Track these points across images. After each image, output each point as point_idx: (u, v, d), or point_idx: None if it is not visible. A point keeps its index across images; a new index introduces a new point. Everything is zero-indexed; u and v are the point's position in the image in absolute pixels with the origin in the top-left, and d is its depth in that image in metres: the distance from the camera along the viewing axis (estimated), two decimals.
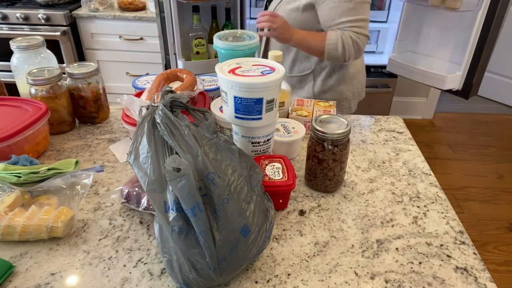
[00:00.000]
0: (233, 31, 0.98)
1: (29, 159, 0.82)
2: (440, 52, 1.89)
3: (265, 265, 0.65)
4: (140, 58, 2.47)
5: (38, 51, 1.06)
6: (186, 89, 0.92)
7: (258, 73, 0.73)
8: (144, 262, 0.65)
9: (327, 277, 0.62)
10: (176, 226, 0.55)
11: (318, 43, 1.17)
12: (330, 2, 1.15)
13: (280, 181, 0.73)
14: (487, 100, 3.25)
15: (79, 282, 0.61)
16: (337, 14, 1.14)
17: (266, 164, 0.77)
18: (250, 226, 0.58)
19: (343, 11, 1.13)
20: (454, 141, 2.73)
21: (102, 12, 2.34)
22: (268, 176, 0.73)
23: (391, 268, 0.64)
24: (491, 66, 3.07)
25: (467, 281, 0.62)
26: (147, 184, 0.57)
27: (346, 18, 1.14)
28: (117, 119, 1.10)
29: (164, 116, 0.58)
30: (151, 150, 0.58)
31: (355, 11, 1.14)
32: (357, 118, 1.13)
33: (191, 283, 0.57)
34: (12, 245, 0.68)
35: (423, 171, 0.90)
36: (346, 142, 0.77)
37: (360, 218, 0.75)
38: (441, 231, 0.72)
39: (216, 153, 0.59)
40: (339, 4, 1.13)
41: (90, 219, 0.74)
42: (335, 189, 0.82)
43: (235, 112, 0.75)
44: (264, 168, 0.75)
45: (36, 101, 0.95)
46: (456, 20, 1.76)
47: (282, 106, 1.01)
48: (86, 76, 1.00)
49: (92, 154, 0.94)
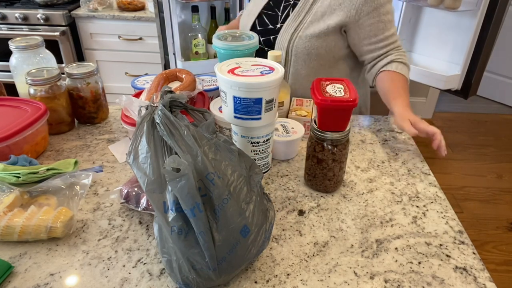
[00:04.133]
0: (233, 31, 0.98)
1: (28, 159, 0.82)
2: (439, 52, 1.89)
3: (265, 265, 0.64)
4: (139, 58, 2.47)
5: (37, 51, 1.06)
6: (185, 89, 0.92)
7: (257, 73, 0.73)
8: (143, 262, 0.65)
9: (326, 277, 0.62)
10: (175, 226, 0.55)
11: (407, 87, 1.05)
12: (369, 18, 1.03)
13: (342, 97, 0.72)
14: (486, 100, 3.25)
15: (79, 282, 0.61)
16: (380, 29, 1.05)
17: (327, 84, 0.77)
18: (249, 226, 0.58)
19: (384, 24, 1.05)
20: (453, 141, 2.73)
21: (101, 12, 2.34)
22: (329, 94, 0.73)
23: (390, 268, 0.64)
24: (490, 66, 3.08)
25: (467, 281, 0.62)
26: (147, 184, 0.57)
27: (389, 32, 1.06)
28: (116, 119, 1.10)
29: (163, 116, 0.58)
30: (151, 150, 0.58)
31: (392, 23, 1.07)
32: (357, 118, 1.13)
33: (191, 283, 0.57)
34: (11, 245, 0.68)
35: (423, 171, 0.90)
36: (346, 142, 0.77)
37: (359, 218, 0.75)
38: (441, 231, 0.72)
39: (216, 153, 0.59)
40: (380, 18, 1.04)
41: (89, 219, 0.74)
42: (334, 189, 0.82)
43: (235, 112, 0.75)
44: (324, 88, 0.75)
45: (35, 101, 0.95)
46: (455, 20, 1.76)
47: (281, 106, 1.01)
48: (85, 76, 1.00)
49: (91, 154, 0.94)
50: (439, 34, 1.85)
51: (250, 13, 1.21)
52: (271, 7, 1.17)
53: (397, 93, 1.02)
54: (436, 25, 1.85)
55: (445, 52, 1.86)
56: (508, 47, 3.00)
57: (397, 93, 1.02)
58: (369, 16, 1.03)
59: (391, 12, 1.06)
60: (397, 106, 0.99)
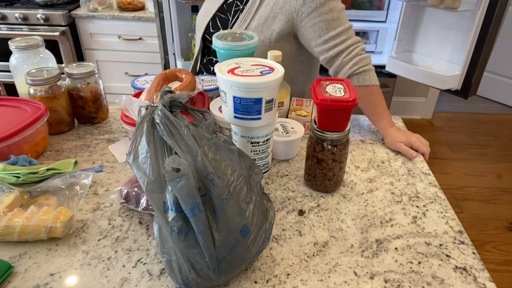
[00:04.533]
0: (232, 31, 0.98)
1: (28, 159, 0.82)
2: (439, 52, 1.89)
3: (265, 265, 0.64)
4: (139, 58, 2.47)
5: (37, 51, 1.06)
6: (185, 89, 0.92)
7: (257, 73, 0.73)
8: (143, 262, 0.65)
9: (326, 277, 0.62)
10: (175, 226, 0.55)
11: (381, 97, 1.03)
12: (310, 20, 1.00)
13: (342, 97, 0.72)
14: (486, 100, 3.25)
15: (78, 282, 0.61)
16: (323, 29, 1.00)
17: (327, 84, 0.77)
18: (249, 227, 0.58)
19: (328, 24, 1.00)
20: (453, 141, 2.73)
21: (101, 12, 2.34)
22: (329, 94, 0.73)
23: (390, 268, 0.64)
24: (490, 65, 3.08)
25: (466, 281, 0.62)
26: (146, 184, 0.57)
27: (334, 31, 1.00)
28: (116, 119, 1.10)
29: (163, 116, 0.58)
30: (150, 150, 0.58)
31: (339, 21, 1.00)
32: (357, 118, 1.13)
33: (191, 283, 0.57)
34: (11, 245, 0.68)
35: (422, 170, 0.90)
36: (346, 142, 0.77)
37: (359, 218, 0.75)
38: (440, 230, 0.72)
39: (216, 153, 0.58)
40: (321, 17, 0.99)
41: (89, 219, 0.74)
42: (334, 189, 0.82)
43: (234, 112, 0.75)
44: (324, 88, 0.75)
45: (35, 101, 0.95)
46: (455, 20, 1.76)
47: (281, 106, 1.01)
48: (85, 76, 1.00)
49: (91, 154, 0.94)
50: (439, 34, 1.85)
51: (206, 12, 1.18)
52: (224, 10, 1.15)
53: (373, 114, 1.03)
54: (436, 25, 1.85)
55: (445, 52, 1.86)
56: (508, 47, 3.00)
57: (374, 114, 1.03)
58: (310, 17, 1.00)
59: (336, 10, 1.00)
60: (382, 129, 1.01)
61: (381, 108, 1.01)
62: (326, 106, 0.71)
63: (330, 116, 0.73)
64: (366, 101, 1.02)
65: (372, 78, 1.01)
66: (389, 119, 1.01)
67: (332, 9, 0.99)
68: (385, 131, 1.00)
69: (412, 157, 0.94)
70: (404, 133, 0.98)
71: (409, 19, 1.92)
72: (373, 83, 1.01)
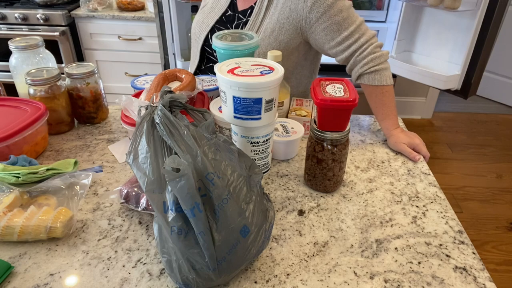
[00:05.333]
0: (232, 31, 0.98)
1: (28, 159, 0.82)
2: (439, 52, 1.89)
3: (265, 265, 0.64)
4: (139, 58, 2.47)
5: (36, 51, 1.06)
6: (185, 89, 0.92)
7: (257, 73, 0.73)
8: (143, 262, 0.65)
9: (326, 277, 0.62)
10: (175, 226, 0.55)
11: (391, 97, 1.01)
12: (320, 24, 0.99)
13: (342, 97, 0.72)
14: (486, 99, 3.26)
15: (78, 282, 0.61)
16: (335, 31, 0.99)
17: (327, 84, 0.76)
18: (249, 227, 0.58)
19: (339, 25, 0.98)
20: (453, 141, 2.73)
21: (100, 12, 2.34)
22: (329, 94, 0.73)
23: (390, 268, 0.64)
24: (490, 65, 3.09)
25: (466, 281, 0.62)
26: (146, 185, 0.57)
27: (347, 32, 0.98)
28: (116, 119, 1.10)
29: (163, 116, 0.58)
30: (150, 151, 0.58)
31: (350, 19, 0.99)
32: (356, 118, 1.13)
33: (190, 283, 0.57)
34: (11, 245, 0.68)
35: (422, 170, 0.90)
36: (346, 142, 0.77)
37: (359, 218, 0.75)
38: (440, 230, 0.72)
39: (215, 153, 0.58)
40: (331, 20, 0.98)
41: (89, 219, 0.74)
42: (334, 189, 0.82)
43: (234, 112, 0.75)
44: (324, 88, 0.75)
45: (34, 101, 0.95)
46: (455, 20, 1.76)
47: (281, 106, 1.01)
48: (84, 76, 1.00)
49: (91, 154, 0.94)
50: (439, 34, 1.85)
51: (202, 24, 1.16)
52: (223, 22, 1.13)
53: (380, 113, 1.02)
54: (436, 25, 1.86)
55: (445, 52, 1.86)
56: (508, 47, 3.01)
57: (381, 114, 1.02)
58: (319, 21, 0.99)
59: (345, 9, 0.98)
60: (386, 129, 1.01)
61: (389, 109, 1.01)
62: (326, 106, 0.71)
63: (330, 116, 0.73)
64: (375, 100, 1.02)
65: (383, 78, 0.99)
66: (395, 120, 1.00)
67: (341, 9, 0.98)
68: (388, 132, 1.00)
69: (415, 160, 0.93)
70: (408, 135, 0.98)
71: (409, 19, 1.92)
72: (384, 83, 0.99)
